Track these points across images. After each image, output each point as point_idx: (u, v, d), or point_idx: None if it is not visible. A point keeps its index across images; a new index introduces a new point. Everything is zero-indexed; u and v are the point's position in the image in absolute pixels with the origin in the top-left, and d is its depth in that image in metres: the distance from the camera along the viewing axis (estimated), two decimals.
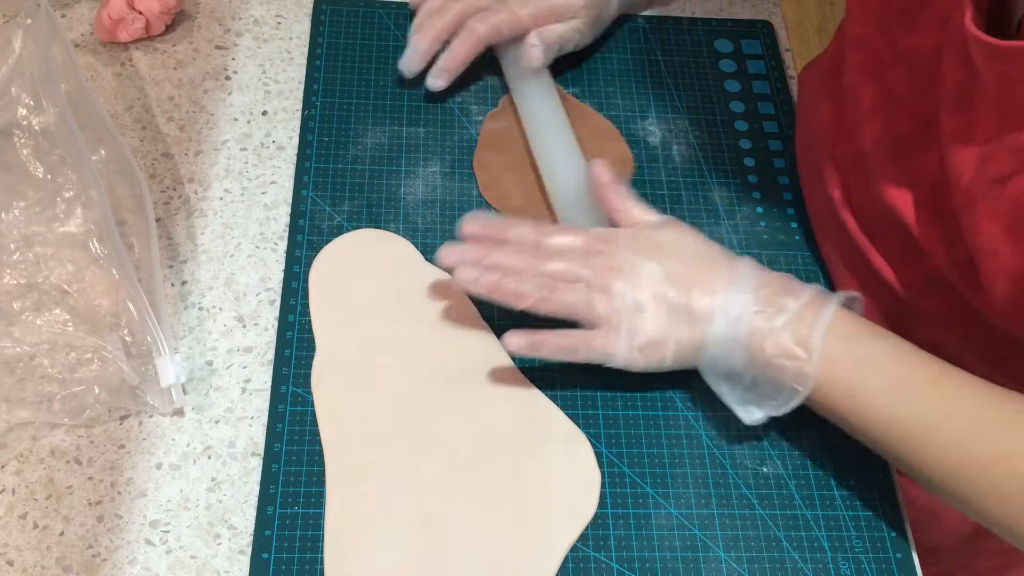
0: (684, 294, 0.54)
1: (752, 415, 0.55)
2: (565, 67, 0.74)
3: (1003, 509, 0.49)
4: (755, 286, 0.54)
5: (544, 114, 0.67)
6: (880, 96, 0.57)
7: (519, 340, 0.55)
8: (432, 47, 0.69)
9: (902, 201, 0.55)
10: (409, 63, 0.69)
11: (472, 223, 0.58)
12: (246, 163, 0.67)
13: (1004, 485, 0.48)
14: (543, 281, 0.55)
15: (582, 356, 0.55)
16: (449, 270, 0.56)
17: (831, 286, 0.65)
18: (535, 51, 0.67)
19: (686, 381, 0.60)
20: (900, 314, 0.60)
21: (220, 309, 0.61)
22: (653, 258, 0.55)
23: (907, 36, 0.54)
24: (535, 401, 0.58)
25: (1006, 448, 0.48)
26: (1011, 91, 0.45)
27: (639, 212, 0.58)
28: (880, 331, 0.54)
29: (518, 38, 0.68)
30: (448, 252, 0.56)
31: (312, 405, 0.57)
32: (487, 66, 0.73)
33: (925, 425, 0.51)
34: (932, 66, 0.51)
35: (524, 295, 0.54)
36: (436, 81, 0.69)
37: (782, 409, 0.54)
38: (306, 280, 0.62)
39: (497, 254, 0.56)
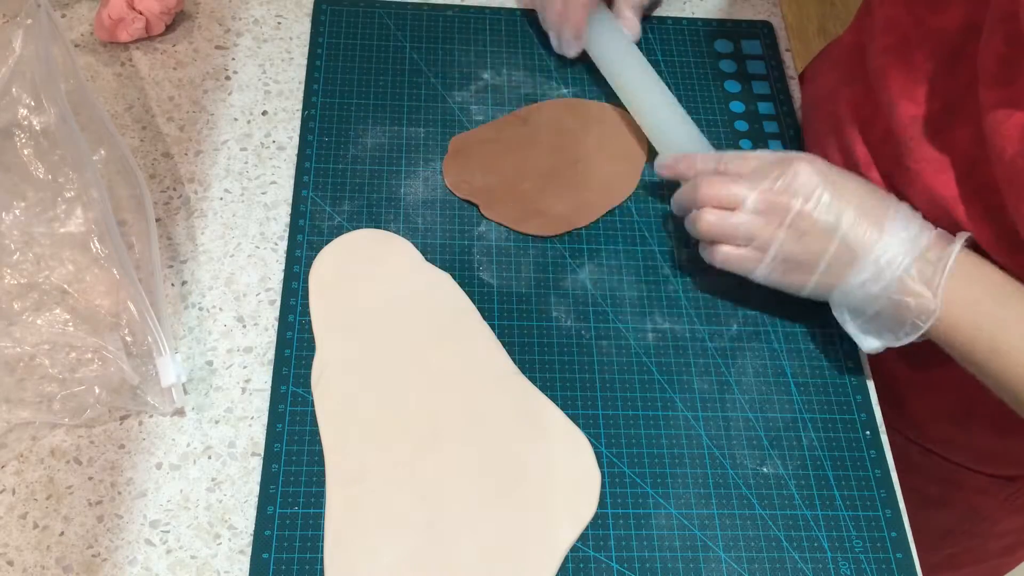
0: (848, 228, 0.55)
1: (870, 344, 0.57)
2: (565, 67, 0.74)
3: None
4: (912, 229, 0.55)
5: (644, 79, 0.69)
6: (908, 77, 0.58)
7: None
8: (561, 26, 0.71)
9: (939, 180, 0.56)
10: (568, 48, 0.72)
11: (665, 163, 0.64)
12: (246, 163, 0.67)
13: None
14: (710, 213, 0.59)
15: (720, 266, 0.60)
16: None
17: None
18: (631, 18, 0.71)
19: (686, 381, 0.60)
20: None
21: (220, 309, 0.61)
22: (831, 190, 0.56)
23: (935, 16, 0.55)
24: (535, 401, 0.58)
25: None
26: None
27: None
28: (999, 273, 0.55)
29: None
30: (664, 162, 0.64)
31: (312, 405, 0.57)
32: (487, 66, 0.73)
33: None
34: (961, 44, 0.53)
35: (689, 226, 0.61)
36: (571, 50, 0.72)
37: (901, 341, 0.56)
38: (306, 280, 0.62)
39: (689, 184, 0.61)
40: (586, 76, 0.74)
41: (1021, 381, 0.53)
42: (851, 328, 0.57)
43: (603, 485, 0.56)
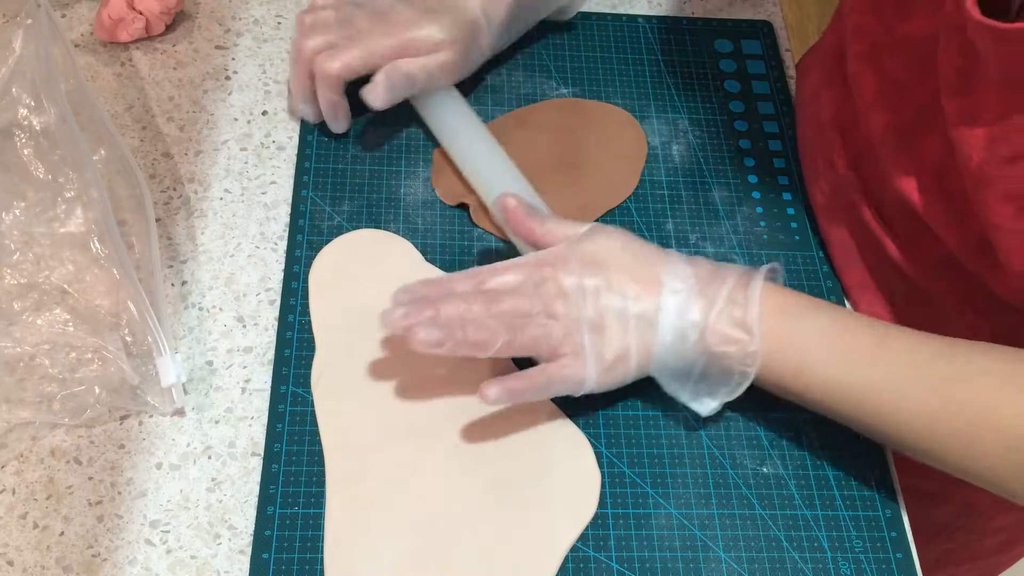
0: (632, 301, 0.53)
1: (707, 406, 0.55)
2: (565, 67, 0.74)
3: (968, 455, 0.50)
4: (686, 278, 0.53)
5: (465, 135, 0.66)
6: (881, 84, 0.57)
7: (495, 390, 0.52)
8: (309, 100, 0.66)
9: (909, 186, 0.56)
10: (316, 122, 0.67)
11: (406, 292, 0.54)
12: (246, 163, 0.67)
13: (966, 432, 0.49)
14: (504, 322, 0.52)
15: (555, 390, 0.54)
16: (400, 334, 0.52)
17: (837, 282, 0.65)
18: (377, 88, 0.62)
19: None
20: (912, 299, 0.60)
21: (220, 309, 0.61)
22: (596, 271, 0.53)
23: (905, 23, 0.55)
24: (535, 401, 0.58)
25: (960, 396, 0.49)
26: (1017, 72, 0.45)
27: (564, 229, 0.56)
28: (814, 300, 0.55)
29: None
30: (395, 316, 0.52)
31: (312, 405, 0.57)
32: (487, 66, 0.73)
33: (876, 387, 0.51)
34: (930, 52, 0.52)
35: (489, 342, 0.51)
36: (337, 127, 0.67)
37: (735, 393, 0.54)
38: (306, 280, 0.62)
39: (448, 307, 0.52)
40: (586, 76, 0.74)
41: (833, 404, 0.53)
42: (684, 397, 0.55)
43: (603, 485, 0.56)
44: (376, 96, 0.63)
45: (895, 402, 0.51)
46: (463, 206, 0.66)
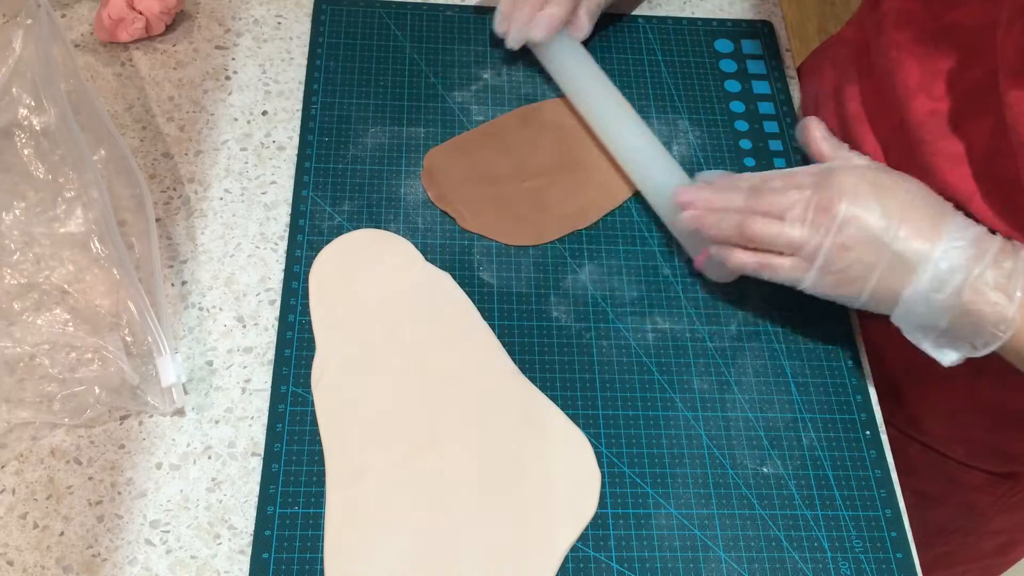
0: (900, 239, 0.53)
1: (948, 356, 0.54)
2: None
3: None
4: (967, 236, 0.53)
5: (610, 105, 0.68)
6: (925, 72, 0.57)
7: (703, 257, 0.60)
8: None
9: (955, 174, 0.56)
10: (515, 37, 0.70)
11: (703, 180, 0.61)
12: (246, 163, 0.67)
13: None
14: (753, 220, 0.56)
15: (765, 275, 0.57)
16: (683, 206, 0.60)
17: None
18: (583, 23, 0.70)
19: (686, 381, 0.60)
20: None
21: (220, 309, 0.61)
22: (880, 196, 0.54)
23: (953, 11, 0.55)
24: (535, 401, 0.58)
25: None
26: None
27: (857, 157, 0.58)
28: None
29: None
30: (686, 190, 0.60)
31: (312, 405, 0.57)
32: (487, 66, 0.73)
33: None
34: (978, 39, 0.52)
35: (726, 236, 0.58)
36: (539, 35, 0.70)
37: (980, 352, 0.53)
38: (306, 280, 0.62)
39: (722, 198, 0.58)
40: None
41: None
42: (926, 346, 0.55)
43: (603, 485, 0.56)
44: (582, 31, 0.70)
45: None
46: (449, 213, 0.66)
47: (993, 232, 0.53)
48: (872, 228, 0.53)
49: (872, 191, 0.54)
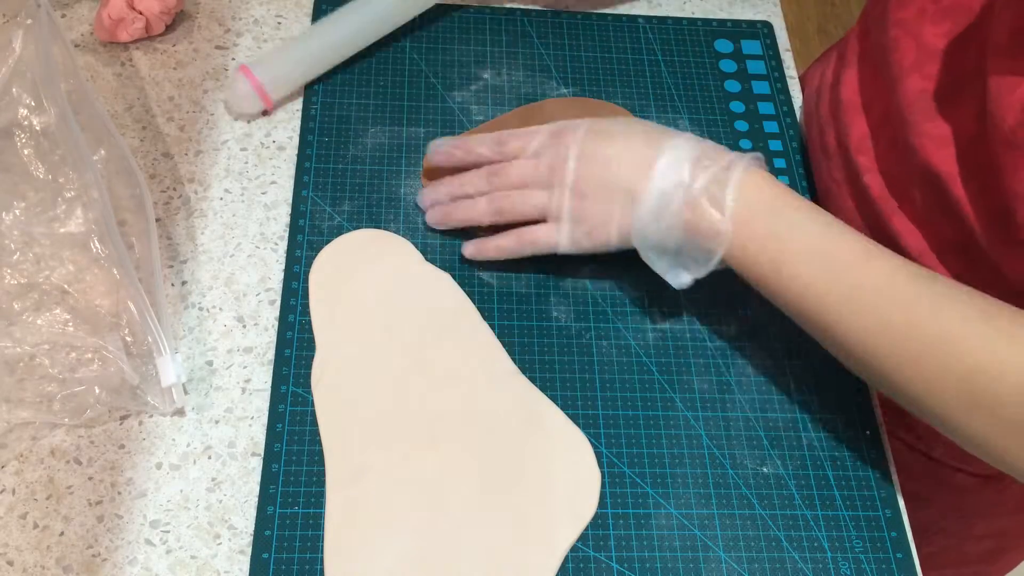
0: (625, 174, 0.56)
1: (680, 278, 0.57)
2: (565, 67, 0.74)
3: (915, 376, 0.50)
4: (686, 150, 0.55)
5: None
6: (920, 51, 0.58)
7: (468, 249, 0.62)
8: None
9: (939, 156, 0.56)
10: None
11: (439, 150, 0.63)
12: (246, 163, 0.67)
13: (923, 354, 0.49)
14: (499, 195, 0.60)
15: (528, 250, 0.60)
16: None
17: None
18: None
19: (686, 381, 0.60)
20: None
21: (220, 309, 0.61)
22: (602, 143, 0.57)
23: None
24: (535, 401, 0.58)
25: (926, 318, 0.49)
26: None
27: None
28: (809, 204, 0.55)
29: None
30: (427, 194, 0.64)
31: (312, 405, 0.57)
32: (487, 66, 0.73)
33: (853, 296, 0.51)
34: (975, 21, 0.53)
35: (479, 217, 0.61)
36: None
37: (704, 270, 0.56)
38: (306, 280, 0.62)
39: (465, 184, 0.62)
40: (586, 76, 0.74)
41: (803, 302, 0.53)
42: (660, 268, 0.57)
43: (603, 485, 0.56)
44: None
45: (867, 313, 0.51)
46: None
47: (737, 151, 0.56)
48: (599, 172, 0.57)
49: (595, 138, 0.58)
